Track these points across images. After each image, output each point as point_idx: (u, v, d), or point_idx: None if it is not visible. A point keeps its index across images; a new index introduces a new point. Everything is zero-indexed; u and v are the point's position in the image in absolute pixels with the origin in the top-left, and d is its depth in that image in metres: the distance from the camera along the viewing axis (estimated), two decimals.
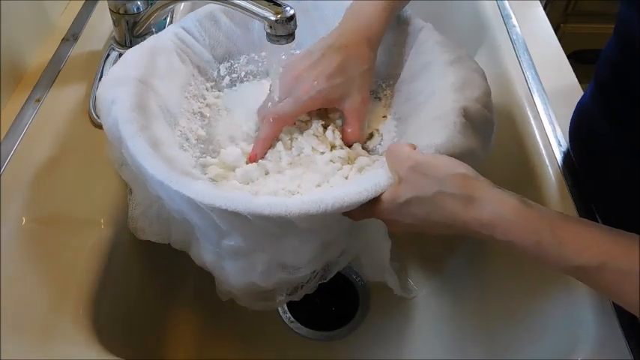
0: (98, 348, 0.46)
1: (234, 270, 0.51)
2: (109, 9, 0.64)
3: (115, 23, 0.65)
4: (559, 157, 0.59)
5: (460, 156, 0.44)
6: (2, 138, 0.58)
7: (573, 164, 0.59)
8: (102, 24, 0.72)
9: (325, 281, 0.56)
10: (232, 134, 0.56)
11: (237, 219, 0.43)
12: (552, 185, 0.57)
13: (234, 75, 0.62)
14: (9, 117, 0.60)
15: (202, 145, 0.55)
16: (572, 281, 0.50)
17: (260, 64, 0.62)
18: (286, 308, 0.72)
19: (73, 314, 0.47)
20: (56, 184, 0.55)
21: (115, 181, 0.55)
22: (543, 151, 0.60)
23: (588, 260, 0.35)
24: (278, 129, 0.54)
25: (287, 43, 0.48)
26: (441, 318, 0.69)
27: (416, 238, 0.77)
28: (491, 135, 0.51)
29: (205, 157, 0.53)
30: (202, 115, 0.57)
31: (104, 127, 0.50)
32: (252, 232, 0.46)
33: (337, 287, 0.74)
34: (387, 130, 0.57)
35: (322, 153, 0.53)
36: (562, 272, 0.37)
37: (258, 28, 0.61)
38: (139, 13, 0.63)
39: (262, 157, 0.54)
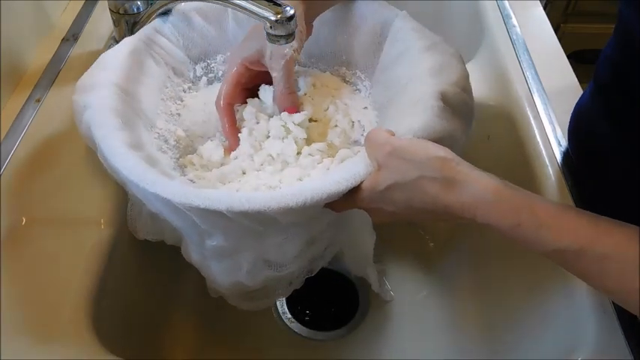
0: (98, 348, 0.46)
1: (220, 270, 0.51)
2: (109, 9, 0.64)
3: (115, 23, 0.65)
4: (559, 157, 0.59)
5: (439, 140, 0.43)
6: (2, 138, 0.58)
7: (573, 164, 0.59)
8: (102, 24, 0.72)
9: (312, 275, 0.55)
10: (210, 132, 0.56)
11: (217, 217, 0.42)
12: (552, 185, 0.57)
13: (210, 75, 0.61)
14: (9, 117, 0.60)
15: (182, 146, 0.55)
16: (572, 281, 0.50)
17: None
18: (286, 308, 0.72)
19: (73, 314, 0.47)
20: (56, 184, 0.55)
21: (114, 181, 0.55)
22: (543, 151, 0.60)
23: (568, 244, 0.35)
24: (228, 111, 0.54)
25: (287, 43, 0.48)
26: (441, 318, 0.69)
27: (416, 237, 0.77)
28: (471, 118, 0.51)
29: (185, 157, 0.53)
30: (180, 115, 0.57)
31: (80, 132, 0.50)
32: (234, 231, 0.45)
33: (337, 287, 0.74)
34: (368, 121, 0.56)
35: (291, 156, 0.52)
36: (543, 255, 0.37)
37: (233, 27, 0.61)
38: (139, 13, 0.63)
39: (237, 145, 0.54)
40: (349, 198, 0.43)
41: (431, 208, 0.40)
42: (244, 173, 0.52)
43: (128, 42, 0.55)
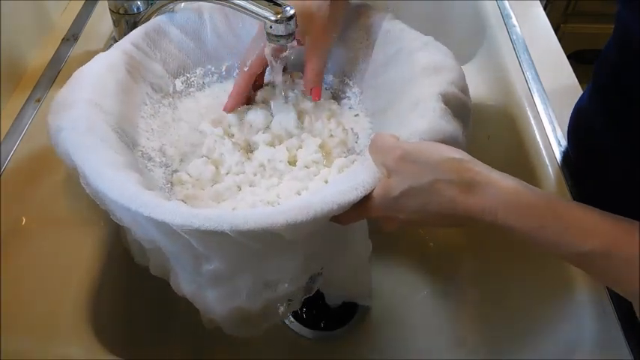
0: (98, 348, 0.46)
1: (217, 297, 0.48)
2: (109, 9, 0.64)
3: (115, 23, 0.65)
4: (559, 157, 0.59)
5: (443, 142, 0.42)
6: (2, 138, 0.58)
7: (573, 164, 0.59)
8: (102, 24, 0.72)
9: (311, 295, 0.54)
10: (196, 147, 0.54)
11: (217, 239, 0.39)
12: (552, 185, 0.57)
13: (191, 89, 0.59)
14: (9, 117, 0.60)
15: (168, 164, 0.52)
16: (572, 282, 0.50)
17: (217, 75, 0.60)
18: None
19: (73, 314, 0.47)
20: (56, 184, 0.55)
21: None
22: (543, 151, 0.60)
23: (594, 247, 0.33)
24: (248, 78, 0.55)
25: (287, 43, 0.48)
26: (441, 318, 0.69)
27: (416, 237, 0.77)
28: (469, 119, 0.50)
29: (172, 175, 0.51)
30: (163, 132, 0.54)
31: (58, 156, 0.47)
32: (234, 252, 0.42)
33: None
34: (361, 128, 0.55)
35: (282, 162, 0.51)
36: (563, 258, 0.36)
37: (212, 39, 0.59)
38: (139, 13, 0.63)
39: (232, 110, 0.55)
40: (359, 208, 0.41)
41: (448, 213, 0.38)
42: (239, 189, 0.50)
43: (103, 57, 0.53)
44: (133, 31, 0.56)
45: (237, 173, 0.51)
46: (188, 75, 0.59)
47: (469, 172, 0.37)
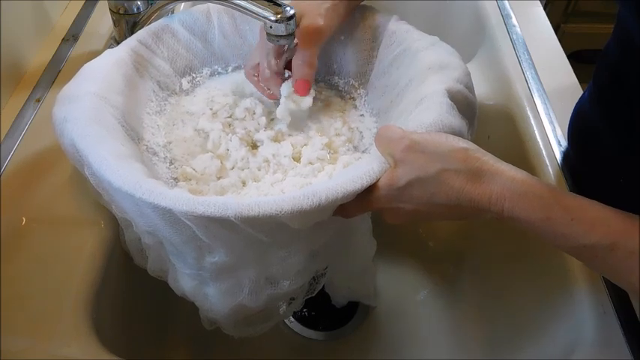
0: (98, 348, 0.46)
1: (219, 292, 0.48)
2: (109, 9, 0.64)
3: (115, 23, 0.65)
4: (559, 157, 0.59)
5: None
6: (2, 138, 0.58)
7: (573, 164, 0.59)
8: (102, 24, 0.72)
9: (313, 295, 0.54)
10: (200, 142, 0.54)
11: (221, 227, 0.39)
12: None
13: (197, 89, 0.59)
14: (9, 117, 0.60)
15: (173, 160, 0.52)
16: (572, 282, 0.50)
17: (223, 76, 0.61)
18: None
19: (73, 314, 0.47)
20: (56, 183, 0.55)
21: None
22: (543, 151, 0.60)
23: (599, 239, 0.33)
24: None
25: (287, 42, 0.48)
26: (442, 318, 0.69)
27: (415, 237, 0.77)
28: (474, 119, 0.50)
29: (177, 171, 0.51)
30: (168, 129, 0.55)
31: (62, 148, 0.47)
32: (237, 243, 0.42)
33: None
34: (366, 128, 0.56)
35: (287, 157, 0.51)
36: (568, 251, 0.36)
37: (219, 40, 0.59)
38: (139, 13, 0.63)
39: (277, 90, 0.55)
40: (364, 199, 0.41)
41: (455, 203, 0.38)
42: (244, 184, 0.50)
43: (111, 53, 0.53)
44: (141, 30, 0.57)
45: (242, 168, 0.52)
46: (194, 75, 0.60)
47: (476, 162, 0.37)
